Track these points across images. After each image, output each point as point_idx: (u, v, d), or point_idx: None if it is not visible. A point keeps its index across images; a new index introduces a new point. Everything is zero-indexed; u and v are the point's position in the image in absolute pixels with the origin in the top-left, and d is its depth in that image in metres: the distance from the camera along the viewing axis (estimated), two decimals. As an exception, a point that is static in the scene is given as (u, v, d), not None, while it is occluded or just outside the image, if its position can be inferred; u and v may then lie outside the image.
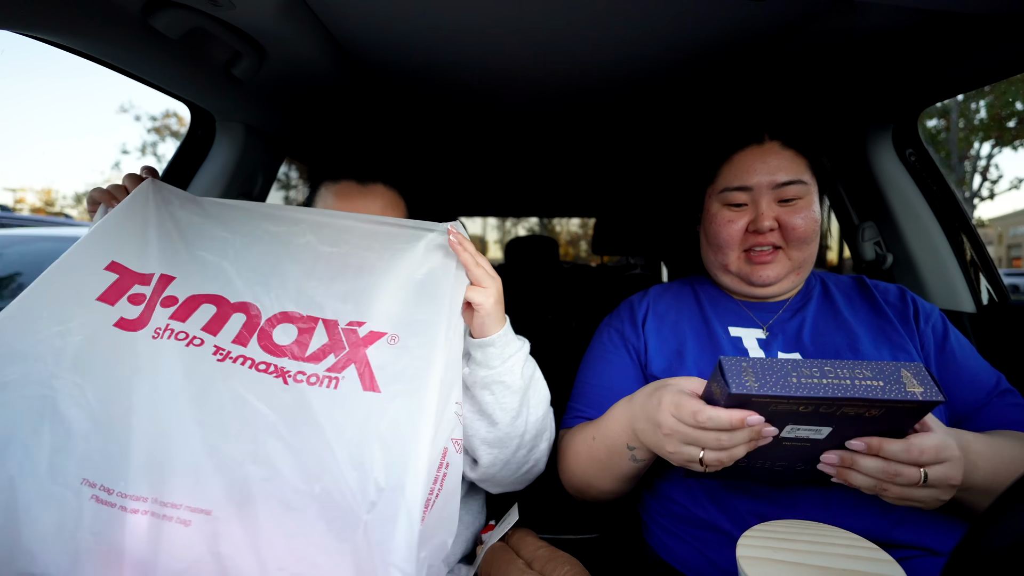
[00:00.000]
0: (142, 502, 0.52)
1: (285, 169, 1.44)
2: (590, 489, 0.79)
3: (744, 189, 0.80)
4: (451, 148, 1.67)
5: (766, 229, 0.78)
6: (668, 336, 0.86)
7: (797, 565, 0.46)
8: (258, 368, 0.60)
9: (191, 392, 0.58)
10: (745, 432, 0.52)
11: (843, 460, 0.55)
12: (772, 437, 0.54)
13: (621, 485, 0.76)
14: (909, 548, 0.64)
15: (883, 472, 0.53)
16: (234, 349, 0.61)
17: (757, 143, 0.82)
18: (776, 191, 0.79)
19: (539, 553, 0.74)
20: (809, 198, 0.80)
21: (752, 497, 0.69)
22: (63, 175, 66.08)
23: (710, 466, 0.56)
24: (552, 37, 0.89)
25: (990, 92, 13.91)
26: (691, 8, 0.79)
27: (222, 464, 0.54)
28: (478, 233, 38.09)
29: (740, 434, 0.53)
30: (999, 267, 1.18)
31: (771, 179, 0.79)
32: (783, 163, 0.79)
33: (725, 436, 0.53)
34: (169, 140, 25.25)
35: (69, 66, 63.78)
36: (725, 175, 0.83)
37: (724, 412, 0.52)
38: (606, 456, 0.72)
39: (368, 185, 0.85)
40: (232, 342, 0.62)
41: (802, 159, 0.81)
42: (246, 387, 0.58)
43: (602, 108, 1.27)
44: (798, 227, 0.78)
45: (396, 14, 0.82)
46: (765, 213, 0.78)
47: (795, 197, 0.79)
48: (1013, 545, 0.26)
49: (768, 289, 0.82)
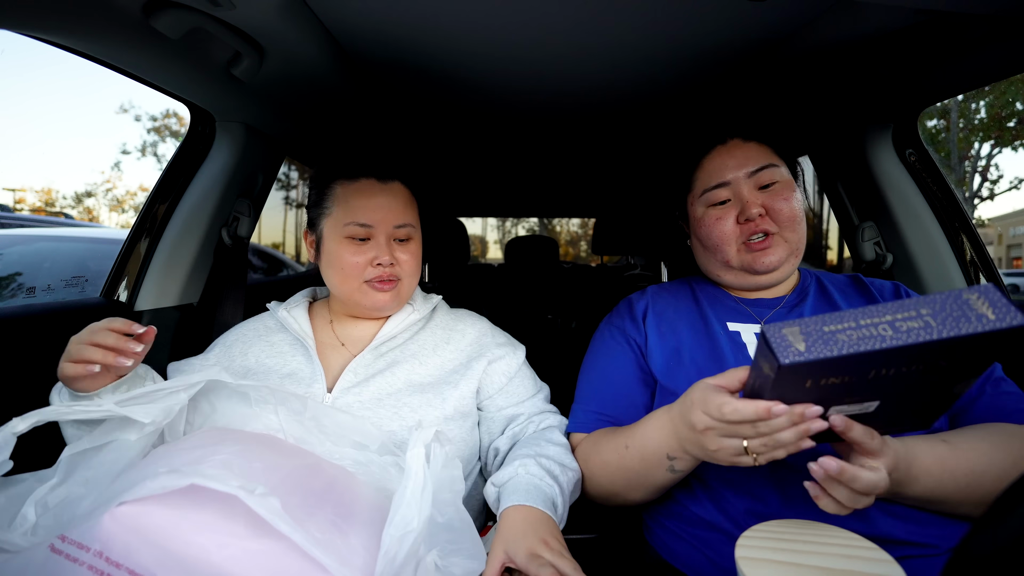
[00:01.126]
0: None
1: (285, 169, 1.44)
2: (616, 498, 0.77)
3: (722, 184, 0.82)
4: (451, 148, 1.67)
5: (756, 216, 0.79)
6: (667, 333, 0.86)
7: (796, 565, 0.46)
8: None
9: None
10: (784, 418, 0.50)
11: (843, 471, 0.52)
12: (822, 426, 0.50)
13: (651, 495, 0.74)
14: (909, 545, 0.64)
15: (848, 499, 0.52)
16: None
17: (721, 144, 0.85)
18: (753, 178, 0.81)
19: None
20: (786, 181, 0.82)
21: (752, 497, 0.69)
22: (63, 175, 66.14)
23: (760, 454, 0.54)
24: (552, 38, 0.89)
25: (990, 92, 13.92)
26: (691, 9, 0.79)
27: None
28: (478, 233, 38.17)
29: (778, 421, 0.50)
30: (999, 267, 1.18)
31: (744, 169, 0.81)
32: (750, 153, 0.83)
33: (762, 425, 0.51)
34: (169, 140, 25.25)
35: (69, 66, 63.83)
36: (700, 179, 0.86)
37: (749, 405, 0.51)
38: (640, 466, 0.70)
39: (387, 182, 0.87)
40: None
41: (766, 148, 0.84)
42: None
43: (602, 108, 1.27)
44: (783, 209, 0.79)
45: (396, 14, 0.82)
46: (750, 200, 0.80)
47: (772, 181, 0.81)
48: (1013, 545, 0.26)
49: (772, 276, 0.82)
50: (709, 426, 0.56)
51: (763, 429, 0.52)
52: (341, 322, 0.90)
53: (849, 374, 0.46)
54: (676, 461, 0.66)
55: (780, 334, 0.45)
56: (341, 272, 0.83)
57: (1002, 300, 0.42)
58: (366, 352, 0.84)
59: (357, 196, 0.84)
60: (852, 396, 0.49)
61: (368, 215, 0.83)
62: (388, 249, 0.83)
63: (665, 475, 0.68)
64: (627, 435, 0.73)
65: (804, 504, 0.67)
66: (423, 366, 0.84)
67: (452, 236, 2.32)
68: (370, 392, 0.79)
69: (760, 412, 0.50)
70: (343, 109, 1.20)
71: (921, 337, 0.42)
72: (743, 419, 0.52)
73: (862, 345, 0.43)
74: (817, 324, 0.45)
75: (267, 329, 0.90)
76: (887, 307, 0.44)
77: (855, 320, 0.44)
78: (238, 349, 0.87)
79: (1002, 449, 0.62)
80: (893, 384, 0.47)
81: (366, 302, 0.84)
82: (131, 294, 1.10)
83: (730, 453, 0.56)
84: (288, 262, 3.50)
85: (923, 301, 0.44)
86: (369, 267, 0.83)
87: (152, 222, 1.13)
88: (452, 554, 0.56)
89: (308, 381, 0.80)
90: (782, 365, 0.44)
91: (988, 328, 0.41)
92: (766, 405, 0.50)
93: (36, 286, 2.13)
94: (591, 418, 0.84)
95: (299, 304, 0.92)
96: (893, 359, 0.44)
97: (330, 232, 0.84)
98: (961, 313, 0.42)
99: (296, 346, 0.86)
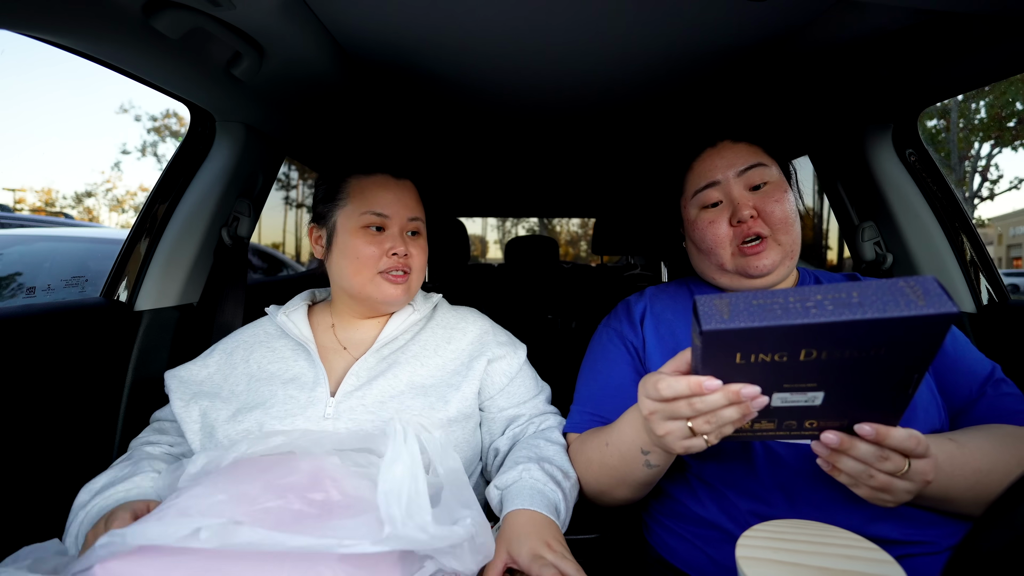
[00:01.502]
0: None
1: (285, 169, 1.44)
2: (604, 496, 0.78)
3: (712, 184, 0.83)
4: (451, 148, 1.67)
5: (747, 217, 0.78)
6: (665, 335, 0.86)
7: (796, 565, 0.46)
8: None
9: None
10: (719, 394, 0.50)
11: (843, 442, 0.53)
12: (761, 405, 0.50)
13: (636, 492, 0.74)
14: (908, 544, 0.64)
15: (875, 457, 0.52)
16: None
17: (710, 146, 0.86)
18: (743, 177, 0.81)
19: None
20: (777, 181, 0.81)
21: (753, 497, 0.69)
22: (63, 175, 66.11)
23: (707, 435, 0.53)
24: (552, 38, 0.89)
25: (990, 92, 13.93)
26: (691, 9, 0.79)
27: None
28: (478, 233, 38.12)
29: (713, 398, 0.50)
30: (999, 267, 1.18)
31: (733, 169, 0.81)
32: (739, 153, 0.83)
33: (698, 402, 0.51)
34: (169, 140, 25.26)
35: (69, 66, 63.82)
36: (691, 181, 0.86)
37: (681, 380, 0.51)
38: (620, 463, 0.71)
39: (400, 179, 0.90)
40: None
41: (755, 147, 0.84)
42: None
43: (602, 109, 1.27)
44: (775, 212, 0.79)
45: (396, 14, 0.82)
46: (741, 202, 0.79)
47: (762, 181, 0.81)
48: (1013, 545, 0.26)
49: (767, 279, 0.82)
50: (652, 409, 0.56)
51: (699, 406, 0.51)
52: (343, 324, 0.90)
53: (778, 350, 0.45)
54: (650, 456, 0.66)
55: (710, 304, 0.46)
56: (356, 262, 0.83)
57: (936, 289, 0.41)
58: (368, 355, 0.84)
59: (374, 188, 0.86)
60: (790, 380, 0.48)
61: (385, 206, 0.85)
62: (403, 240, 0.85)
63: (643, 471, 0.68)
64: (608, 433, 0.74)
65: (808, 505, 0.67)
66: (424, 367, 0.84)
67: (452, 236, 2.32)
68: (373, 395, 0.79)
69: (692, 386, 0.50)
70: (343, 109, 1.20)
71: (844, 316, 0.42)
72: (676, 395, 0.52)
73: (785, 319, 0.42)
74: (747, 298, 0.45)
75: (267, 335, 0.89)
76: (821, 288, 0.44)
77: (784, 297, 0.44)
78: (240, 355, 0.86)
79: (1006, 450, 0.62)
80: (831, 371, 0.47)
81: (378, 295, 0.84)
82: (131, 294, 1.10)
83: (678, 437, 0.55)
84: (288, 262, 3.50)
85: (858, 285, 0.44)
86: (384, 257, 0.84)
87: (152, 222, 1.13)
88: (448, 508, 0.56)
89: (311, 386, 0.79)
90: (703, 331, 0.44)
91: (915, 312, 0.41)
92: (697, 379, 0.50)
93: (36, 286, 2.13)
94: (586, 420, 0.84)
95: (298, 308, 0.91)
96: (820, 337, 0.43)
97: (344, 223, 0.85)
98: (892, 298, 0.42)
99: (298, 351, 0.85)
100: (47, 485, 0.89)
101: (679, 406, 0.53)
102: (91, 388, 0.99)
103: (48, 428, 0.90)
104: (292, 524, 0.51)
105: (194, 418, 0.79)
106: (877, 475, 0.53)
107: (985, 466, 0.60)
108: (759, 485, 0.69)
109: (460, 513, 0.57)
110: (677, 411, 0.53)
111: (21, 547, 0.60)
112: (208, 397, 0.81)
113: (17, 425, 0.85)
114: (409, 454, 0.54)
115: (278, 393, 0.78)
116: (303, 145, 1.41)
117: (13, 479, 0.84)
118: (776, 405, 0.52)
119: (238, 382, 0.82)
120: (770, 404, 0.51)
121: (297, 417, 0.75)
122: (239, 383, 0.82)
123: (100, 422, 1.01)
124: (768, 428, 0.56)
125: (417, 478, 0.53)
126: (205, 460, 0.64)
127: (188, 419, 0.79)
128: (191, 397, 0.81)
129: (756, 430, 0.56)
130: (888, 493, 0.54)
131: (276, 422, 0.74)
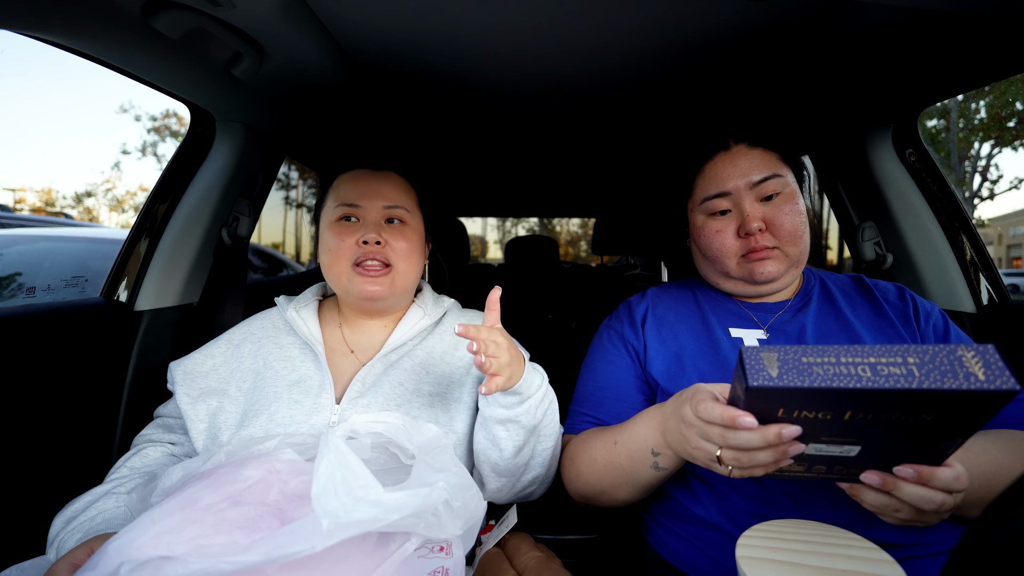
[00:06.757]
0: None
1: (285, 169, 1.44)
2: (602, 497, 0.77)
3: (723, 195, 0.81)
4: (451, 148, 1.67)
5: (755, 230, 0.77)
6: (667, 338, 0.85)
7: (796, 565, 0.46)
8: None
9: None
10: (756, 435, 0.49)
11: (885, 483, 0.51)
12: (797, 452, 0.49)
13: (637, 494, 0.74)
14: (907, 547, 0.64)
15: (925, 500, 0.50)
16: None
17: (724, 150, 0.83)
18: (755, 190, 0.79)
19: (530, 564, 0.73)
20: (790, 191, 0.80)
21: (752, 498, 0.69)
22: (63, 175, 66.10)
23: (731, 466, 0.53)
24: (552, 37, 0.89)
25: (990, 92, 13.92)
26: (691, 8, 0.79)
27: None
28: (478, 233, 38.05)
29: (746, 435, 0.49)
30: (999, 267, 1.18)
31: (747, 180, 0.79)
32: (754, 162, 0.80)
33: (731, 436, 0.51)
34: (169, 140, 25.25)
35: (69, 66, 63.82)
36: (701, 186, 0.84)
37: (718, 407, 0.51)
38: (627, 462, 0.71)
39: (381, 171, 0.89)
40: None
41: (772, 154, 0.82)
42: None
43: (602, 108, 1.27)
44: (784, 225, 0.77)
45: (396, 14, 0.82)
46: (751, 214, 0.78)
47: (775, 192, 0.79)
48: (1013, 545, 0.26)
49: (771, 286, 0.81)
50: (691, 422, 0.57)
51: (731, 440, 0.51)
52: (351, 324, 0.89)
53: (823, 410, 0.44)
54: (660, 458, 0.66)
55: (757, 357, 0.45)
56: (329, 254, 0.83)
57: (998, 363, 0.39)
58: (375, 361, 0.82)
59: (348, 182, 0.87)
60: (830, 435, 0.48)
61: (356, 196, 0.84)
62: (376, 229, 0.82)
63: (650, 472, 0.69)
64: (617, 431, 0.74)
65: (813, 508, 0.67)
66: (430, 375, 0.83)
67: (452, 236, 2.32)
68: (379, 403, 0.78)
69: (725, 418, 0.50)
70: (343, 109, 1.20)
71: (899, 384, 0.40)
72: (711, 420, 0.52)
73: (835, 381, 0.41)
74: (797, 353, 0.44)
75: (276, 329, 0.87)
76: (875, 349, 0.43)
77: (836, 356, 0.43)
78: (247, 349, 0.84)
79: (1011, 455, 0.61)
80: (873, 430, 0.46)
81: (354, 290, 0.81)
82: (131, 294, 1.10)
83: (705, 455, 0.56)
84: (288, 262, 3.50)
85: (915, 350, 0.42)
86: (356, 247, 0.81)
87: (152, 222, 1.13)
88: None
89: (316, 390, 0.78)
90: (749, 387, 0.43)
91: (973, 388, 0.39)
92: (733, 413, 0.50)
93: (36, 286, 2.13)
94: (584, 422, 0.84)
95: (309, 304, 0.89)
96: (869, 402, 0.42)
97: (324, 220, 0.87)
98: (950, 367, 0.40)
99: (305, 351, 0.84)
100: (47, 485, 0.89)
101: (712, 431, 0.53)
102: (91, 388, 0.99)
103: (48, 428, 0.90)
104: (253, 531, 0.51)
105: (201, 417, 0.78)
106: (905, 508, 0.52)
107: (990, 470, 0.60)
108: (760, 486, 0.69)
109: (431, 478, 0.56)
110: (709, 434, 0.53)
111: (18, 547, 0.59)
112: (216, 395, 0.80)
113: (17, 425, 0.85)
114: (332, 449, 0.52)
115: (283, 396, 0.77)
116: (303, 145, 1.41)
117: (13, 479, 0.84)
118: (810, 453, 0.51)
119: (244, 378, 0.81)
120: (804, 451, 0.51)
121: (302, 424, 0.74)
122: (245, 379, 0.81)
123: (100, 422, 1.01)
124: (796, 470, 0.55)
125: (348, 465, 0.51)
126: (181, 473, 0.63)
127: (195, 417, 0.78)
128: (199, 395, 0.80)
129: (783, 469, 0.55)
130: (918, 520, 0.53)
131: (281, 429, 0.74)
